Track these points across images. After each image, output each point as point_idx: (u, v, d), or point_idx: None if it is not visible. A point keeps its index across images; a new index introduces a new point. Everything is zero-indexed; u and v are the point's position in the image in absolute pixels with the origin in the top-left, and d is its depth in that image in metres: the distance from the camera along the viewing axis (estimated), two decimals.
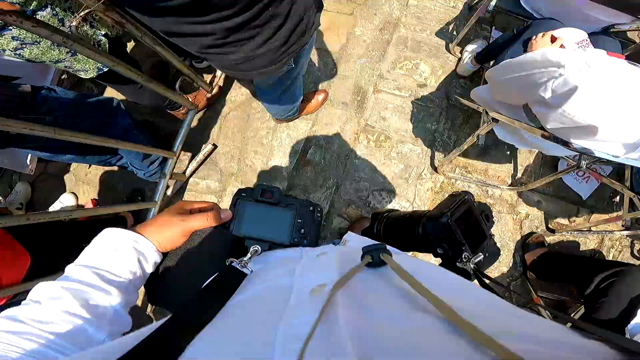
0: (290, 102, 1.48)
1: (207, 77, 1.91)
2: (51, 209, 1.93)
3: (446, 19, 2.10)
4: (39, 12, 0.93)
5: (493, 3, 1.67)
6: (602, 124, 0.89)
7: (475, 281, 0.53)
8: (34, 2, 0.91)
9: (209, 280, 0.42)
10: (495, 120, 1.33)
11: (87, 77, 1.18)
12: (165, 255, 0.52)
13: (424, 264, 0.39)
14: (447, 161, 1.79)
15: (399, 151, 1.90)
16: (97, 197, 1.95)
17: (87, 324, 0.40)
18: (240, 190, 0.57)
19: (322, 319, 0.25)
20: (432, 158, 1.90)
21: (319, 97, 1.86)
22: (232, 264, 0.44)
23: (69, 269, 0.44)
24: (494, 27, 2.03)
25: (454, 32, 2.06)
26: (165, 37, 0.84)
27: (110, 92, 1.82)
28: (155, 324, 0.32)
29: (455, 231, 0.58)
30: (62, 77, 1.93)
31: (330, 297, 0.27)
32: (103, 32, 1.11)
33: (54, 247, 1.28)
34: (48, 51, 1.04)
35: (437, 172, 1.87)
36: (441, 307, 0.24)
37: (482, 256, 0.55)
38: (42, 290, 0.41)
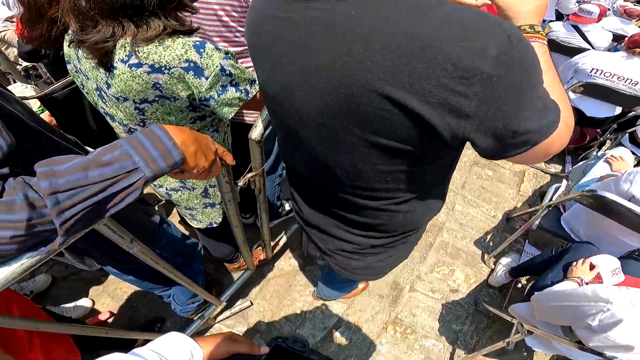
0: (346, 292, 1.58)
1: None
2: (63, 306, 1.86)
3: (485, 228, 2.41)
4: None
5: (537, 222, 1.92)
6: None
7: None
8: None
9: None
10: (530, 332, 1.45)
11: (197, 227, 1.31)
12: None
13: None
14: (467, 359, 1.87)
15: (421, 344, 1.94)
16: (113, 311, 1.89)
17: None
18: (276, 337, 0.73)
19: None
20: (452, 354, 1.93)
21: (360, 285, 1.98)
22: None
23: (140, 350, 0.56)
24: (527, 241, 2.29)
25: (491, 243, 2.35)
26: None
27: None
28: None
29: None
30: None
31: None
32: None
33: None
34: (192, 199, 1.12)
35: None
36: None
37: None
38: (117, 357, 0.52)
